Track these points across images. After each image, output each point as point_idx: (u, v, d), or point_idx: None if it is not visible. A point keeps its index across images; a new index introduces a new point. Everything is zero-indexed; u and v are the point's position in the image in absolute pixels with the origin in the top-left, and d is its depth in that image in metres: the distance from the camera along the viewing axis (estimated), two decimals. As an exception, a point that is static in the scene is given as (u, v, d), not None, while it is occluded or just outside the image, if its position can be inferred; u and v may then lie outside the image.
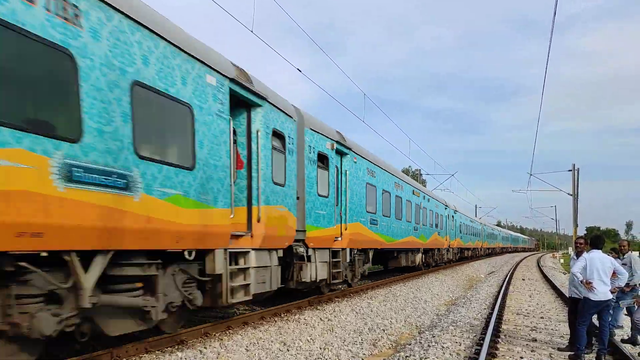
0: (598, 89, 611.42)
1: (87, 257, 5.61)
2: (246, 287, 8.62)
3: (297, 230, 10.61)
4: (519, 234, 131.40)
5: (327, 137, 12.45)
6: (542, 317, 12.28)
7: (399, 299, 14.89)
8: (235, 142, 8.90)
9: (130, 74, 6.11)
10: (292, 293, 12.09)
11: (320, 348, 8.40)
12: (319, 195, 11.89)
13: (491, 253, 63.62)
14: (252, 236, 8.82)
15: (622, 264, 9.17)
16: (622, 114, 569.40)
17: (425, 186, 38.00)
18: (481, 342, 8.56)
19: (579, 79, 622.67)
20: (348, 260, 13.91)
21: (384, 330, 10.49)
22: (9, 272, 5.02)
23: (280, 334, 8.88)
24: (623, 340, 9.42)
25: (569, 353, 8.15)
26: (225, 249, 7.94)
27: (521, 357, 7.95)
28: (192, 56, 7.21)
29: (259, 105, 9.08)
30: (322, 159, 12.19)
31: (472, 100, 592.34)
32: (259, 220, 8.97)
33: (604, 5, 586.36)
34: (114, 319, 6.36)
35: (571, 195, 34.44)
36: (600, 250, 8.02)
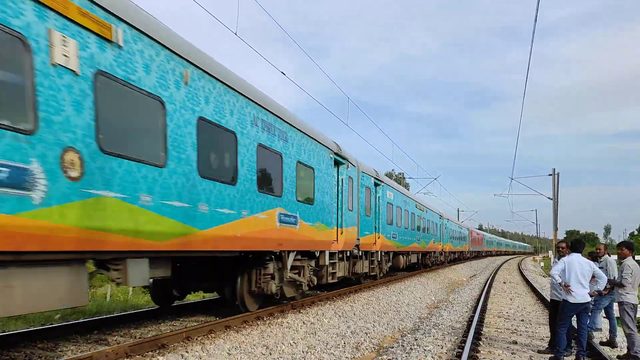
0: (577, 96, 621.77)
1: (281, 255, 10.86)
2: (334, 273, 13.95)
3: (356, 239, 15.68)
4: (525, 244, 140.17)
5: (370, 175, 17.58)
6: (522, 320, 12.42)
7: (382, 302, 14.93)
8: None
9: (295, 157, 11.31)
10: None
11: (303, 352, 8.38)
12: (366, 215, 17.01)
13: (486, 255, 75.47)
14: (337, 243, 13.90)
15: (599, 267, 9.33)
16: (601, 121, 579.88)
17: (408, 189, 38.73)
18: (463, 345, 8.63)
19: (559, 85, 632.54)
20: (379, 259, 19.13)
21: (366, 334, 10.51)
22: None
23: (263, 337, 8.84)
24: (602, 343, 9.57)
25: (549, 355, 8.26)
26: (328, 251, 13.33)
27: (502, 360, 8.03)
28: (326, 146, 13.12)
29: (343, 164, 14.45)
30: (367, 190, 17.17)
31: (455, 106, 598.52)
32: (341, 234, 14.14)
33: (583, 14, 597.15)
34: (288, 288, 11.47)
35: (551, 199, 34.91)
36: (579, 254, 8.15)
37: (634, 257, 8.88)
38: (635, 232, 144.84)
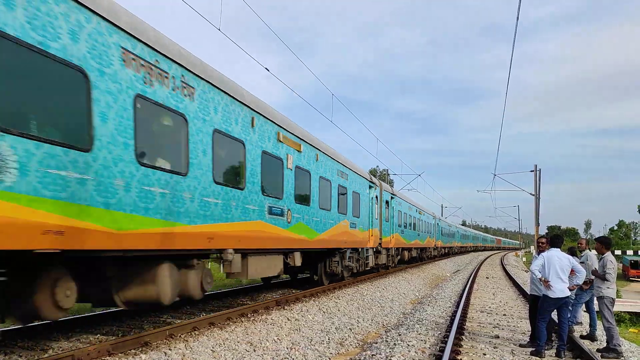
0: (560, 93, 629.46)
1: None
2: (367, 263, 19.51)
3: (379, 239, 21.50)
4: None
5: (388, 191, 23.77)
6: (504, 315, 12.56)
7: (366, 298, 15.00)
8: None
9: (338, 184, 16.20)
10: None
11: (287, 348, 8.38)
12: (386, 221, 22.79)
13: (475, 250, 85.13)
14: (369, 242, 19.69)
15: (580, 262, 9.47)
16: (583, 118, 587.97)
17: (392, 186, 39.35)
18: (446, 339, 8.70)
19: (542, 82, 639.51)
20: (393, 253, 25.16)
21: (350, 330, 10.54)
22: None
23: (247, 334, 8.82)
24: (582, 337, 9.72)
25: (530, 349, 8.37)
26: (365, 247, 19.31)
27: (484, 354, 8.12)
28: (365, 177, 19.45)
29: (372, 187, 20.45)
30: (386, 203, 23.09)
31: (439, 102, 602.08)
32: (372, 235, 19.98)
33: (566, 11, 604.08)
34: (345, 271, 17.23)
35: (533, 195, 35.33)
36: (558, 249, 8.27)
37: (612, 253, 9.02)
38: (615, 228, 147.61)
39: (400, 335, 9.63)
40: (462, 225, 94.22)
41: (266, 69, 13.93)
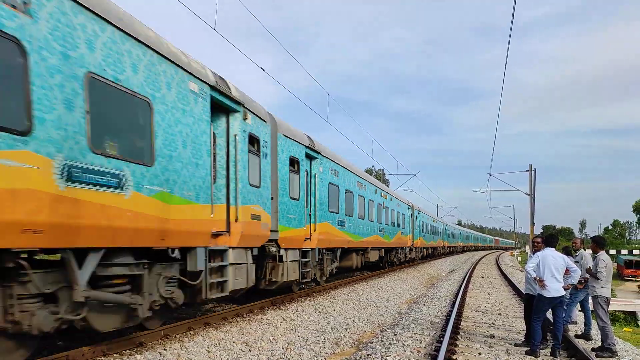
0: (555, 93, 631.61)
1: None
2: (405, 256, 30.51)
3: (412, 241, 31.53)
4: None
5: (416, 209, 34.40)
6: (499, 314, 12.59)
7: (361, 297, 15.00)
8: None
9: None
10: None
11: (283, 348, 8.37)
12: (415, 229, 33.53)
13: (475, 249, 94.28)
14: (408, 242, 30.95)
15: (575, 261, 9.50)
16: (578, 118, 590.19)
17: (388, 186, 39.86)
18: (441, 339, 8.71)
19: (538, 83, 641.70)
20: (419, 251, 35.05)
21: (346, 329, 10.54)
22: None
23: (243, 334, 8.81)
24: (577, 336, 9.74)
25: (525, 348, 8.38)
26: (406, 247, 30.46)
27: (479, 353, 8.13)
28: (408, 204, 32.45)
29: (409, 208, 31.76)
30: (415, 217, 33.86)
31: (435, 102, 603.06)
32: (409, 238, 31.33)
33: (562, 12, 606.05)
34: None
35: (528, 194, 35.43)
36: (553, 249, 8.28)
37: (607, 252, 9.05)
38: (610, 227, 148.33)
39: (395, 334, 9.63)
40: (458, 224, 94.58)
41: (261, 68, 13.91)
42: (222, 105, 9.10)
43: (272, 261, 11.50)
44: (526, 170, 35.63)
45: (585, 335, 9.74)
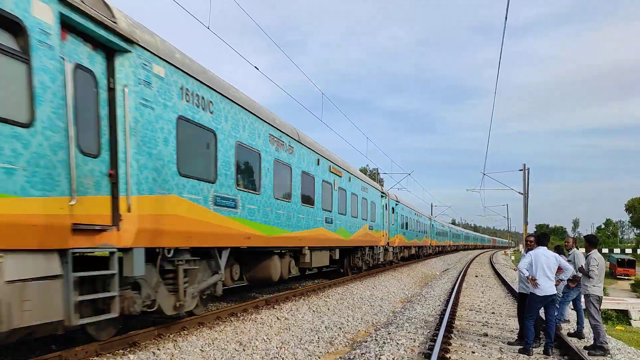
0: (548, 93, 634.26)
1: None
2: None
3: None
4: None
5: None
6: (493, 313, 12.64)
7: (355, 297, 15.02)
8: None
9: None
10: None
11: (277, 347, 8.37)
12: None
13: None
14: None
15: (568, 260, 9.55)
16: (571, 118, 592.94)
17: (382, 185, 39.53)
18: (435, 338, 8.74)
19: (532, 82, 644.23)
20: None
21: (340, 329, 10.55)
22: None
23: (237, 333, 8.80)
24: (569, 334, 9.80)
25: (518, 347, 8.42)
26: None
27: (473, 352, 8.16)
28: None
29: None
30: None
31: (429, 101, 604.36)
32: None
33: (557, 11, 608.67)
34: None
35: (522, 194, 35.58)
36: (545, 247, 8.33)
37: (600, 251, 9.11)
38: (602, 226, 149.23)
39: (389, 334, 9.65)
40: (452, 224, 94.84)
41: (255, 67, 13.88)
42: (382, 195, 17.93)
43: (385, 250, 26.58)
44: (520, 170, 35.79)
45: (578, 334, 9.80)
